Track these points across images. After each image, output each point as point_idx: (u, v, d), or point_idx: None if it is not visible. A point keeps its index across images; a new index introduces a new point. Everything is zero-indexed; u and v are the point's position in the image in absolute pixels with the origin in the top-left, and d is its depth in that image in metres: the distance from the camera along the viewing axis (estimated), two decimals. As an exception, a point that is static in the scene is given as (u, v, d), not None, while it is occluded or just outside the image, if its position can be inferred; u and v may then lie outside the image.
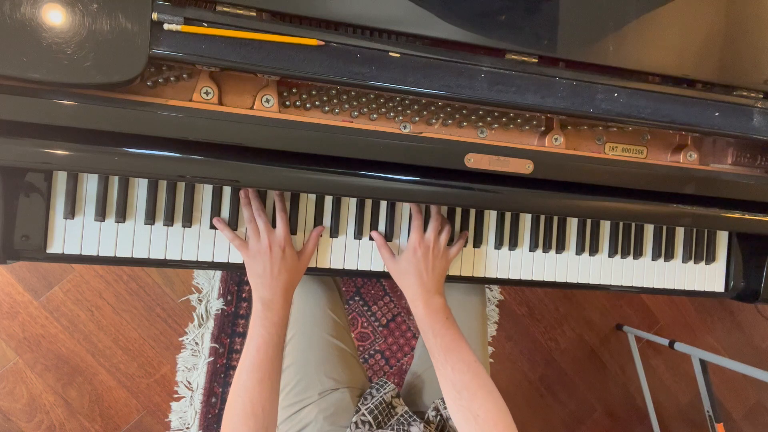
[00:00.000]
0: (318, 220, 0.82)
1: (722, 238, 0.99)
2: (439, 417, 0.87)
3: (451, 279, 0.88)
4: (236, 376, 0.70)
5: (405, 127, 0.80)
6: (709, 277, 0.99)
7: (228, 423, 0.67)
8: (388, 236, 0.85)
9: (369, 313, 1.65)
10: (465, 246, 0.88)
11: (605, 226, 0.94)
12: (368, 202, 0.85)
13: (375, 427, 0.85)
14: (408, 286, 0.79)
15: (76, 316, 1.47)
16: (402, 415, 0.86)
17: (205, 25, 0.63)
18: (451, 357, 0.72)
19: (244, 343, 0.73)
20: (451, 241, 0.85)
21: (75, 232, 0.74)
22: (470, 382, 0.70)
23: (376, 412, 0.86)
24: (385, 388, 0.90)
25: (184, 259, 0.78)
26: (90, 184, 0.74)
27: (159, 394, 1.53)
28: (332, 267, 0.83)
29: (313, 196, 0.82)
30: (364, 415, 0.85)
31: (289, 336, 0.92)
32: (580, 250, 0.92)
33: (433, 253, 0.80)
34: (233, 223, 0.79)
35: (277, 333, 0.73)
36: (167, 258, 0.77)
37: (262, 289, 0.74)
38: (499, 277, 0.90)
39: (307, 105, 0.77)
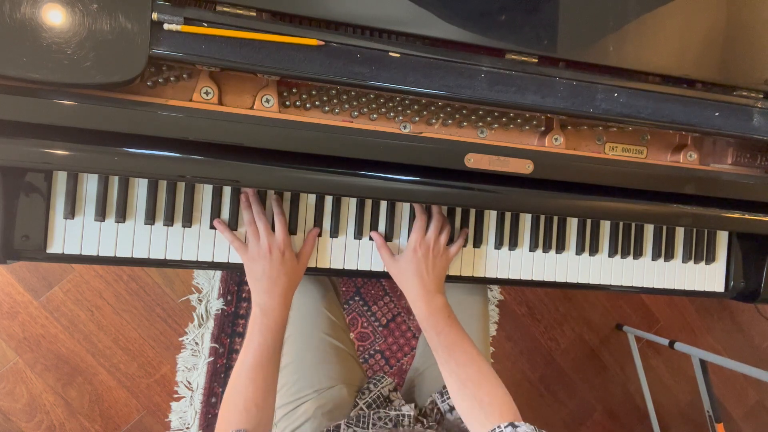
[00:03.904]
0: (318, 220, 0.82)
1: (722, 238, 0.99)
2: (436, 410, 0.87)
3: (451, 279, 0.88)
4: (233, 376, 0.71)
5: (405, 127, 0.80)
6: (709, 277, 0.98)
7: (223, 418, 0.68)
8: (388, 236, 0.85)
9: (369, 313, 1.65)
10: (465, 246, 0.88)
11: (605, 226, 0.94)
12: (368, 202, 0.84)
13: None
14: (409, 287, 0.79)
15: (76, 316, 1.47)
16: (399, 408, 0.87)
17: (205, 25, 0.63)
18: (454, 353, 0.73)
19: (243, 343, 0.74)
20: (451, 241, 0.85)
21: (75, 232, 0.74)
22: (474, 374, 0.71)
23: (374, 405, 0.86)
24: (382, 383, 0.91)
25: (184, 259, 0.78)
26: (90, 184, 0.74)
27: (159, 394, 1.53)
28: (332, 267, 0.83)
29: (313, 196, 0.82)
30: (362, 409, 0.86)
31: (286, 336, 0.92)
32: (580, 250, 0.92)
33: (433, 252, 0.80)
34: (233, 224, 0.79)
35: (273, 338, 0.73)
36: (167, 258, 0.77)
37: (260, 294, 0.75)
38: (499, 277, 0.90)
39: (307, 105, 0.77)
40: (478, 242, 0.88)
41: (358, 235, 0.84)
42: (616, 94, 0.75)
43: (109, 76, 0.61)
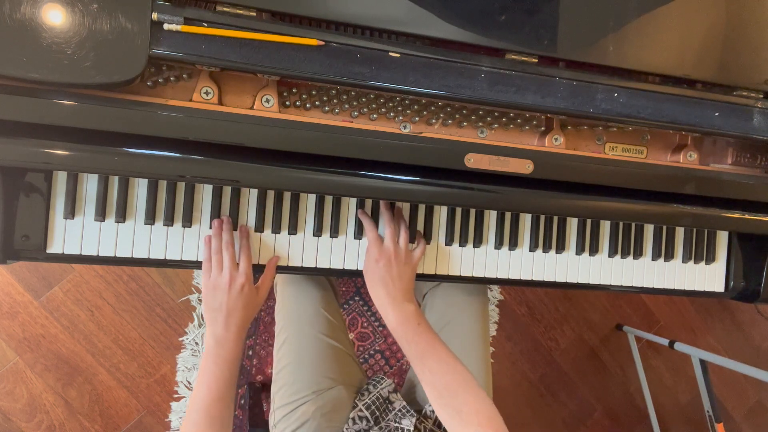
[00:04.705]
0: (318, 220, 0.82)
1: (722, 238, 0.99)
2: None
3: (452, 279, 0.88)
4: (187, 413, 0.71)
5: (405, 127, 0.80)
6: (709, 277, 0.98)
7: None
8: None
9: (369, 313, 1.65)
10: (465, 246, 0.88)
11: (605, 226, 0.94)
12: (368, 202, 0.84)
13: (373, 423, 0.85)
14: (376, 298, 0.79)
15: (76, 316, 1.47)
16: (399, 410, 0.87)
17: (205, 25, 0.63)
18: (428, 361, 0.72)
19: (197, 377, 0.74)
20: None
21: (75, 232, 0.74)
22: (450, 381, 0.70)
23: (373, 407, 0.86)
24: (381, 384, 0.90)
25: (184, 259, 0.78)
26: (90, 184, 0.74)
27: (159, 394, 1.53)
28: (332, 267, 0.83)
29: (313, 196, 0.82)
30: (361, 410, 0.86)
31: (284, 337, 0.92)
32: (580, 250, 0.92)
33: (396, 260, 0.79)
34: (233, 223, 0.79)
35: (229, 369, 0.73)
36: (167, 258, 0.78)
37: (215, 325, 0.74)
38: (499, 277, 0.90)
39: (307, 105, 0.77)
40: (478, 242, 0.88)
41: (358, 235, 0.84)
42: (616, 94, 0.75)
43: (109, 76, 0.61)
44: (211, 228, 0.79)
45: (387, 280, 0.78)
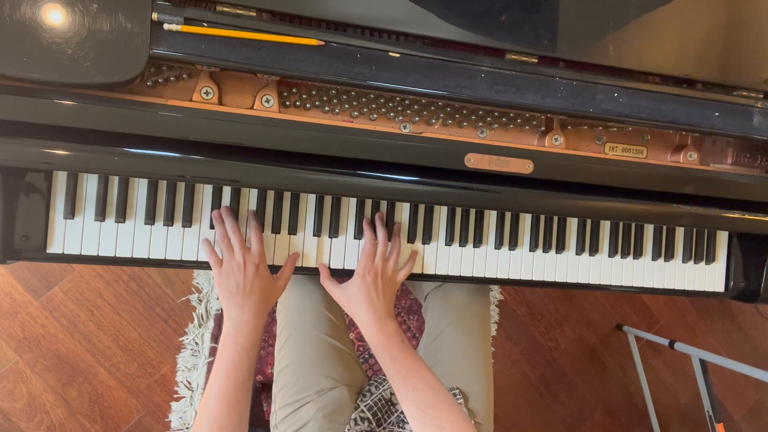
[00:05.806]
0: (318, 220, 0.82)
1: (722, 238, 0.99)
2: None
3: (451, 279, 0.88)
4: (203, 401, 0.69)
5: (405, 127, 0.80)
6: (709, 277, 0.98)
7: None
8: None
9: (369, 313, 1.65)
10: (465, 246, 0.88)
11: (605, 226, 0.94)
12: (368, 202, 0.84)
13: (375, 425, 0.85)
14: (360, 314, 0.78)
15: (76, 316, 1.47)
16: (402, 412, 0.87)
17: (205, 25, 0.63)
18: (411, 379, 0.72)
19: (214, 364, 0.72)
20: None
21: (75, 232, 0.74)
22: (433, 399, 0.70)
23: (375, 408, 0.86)
24: (383, 385, 0.90)
25: (184, 259, 0.78)
26: (90, 184, 0.74)
27: (159, 394, 1.53)
28: (332, 267, 0.83)
29: (313, 196, 0.82)
30: (363, 411, 0.86)
31: (285, 337, 0.92)
32: (580, 250, 0.92)
33: (382, 278, 0.79)
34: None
35: (248, 357, 0.72)
36: (167, 258, 0.77)
37: (233, 309, 0.73)
38: (499, 277, 0.90)
39: (307, 105, 0.77)
40: (478, 242, 0.88)
41: (359, 235, 0.84)
42: (616, 94, 0.75)
43: (109, 76, 0.61)
44: (210, 222, 0.79)
45: (372, 295, 0.78)
